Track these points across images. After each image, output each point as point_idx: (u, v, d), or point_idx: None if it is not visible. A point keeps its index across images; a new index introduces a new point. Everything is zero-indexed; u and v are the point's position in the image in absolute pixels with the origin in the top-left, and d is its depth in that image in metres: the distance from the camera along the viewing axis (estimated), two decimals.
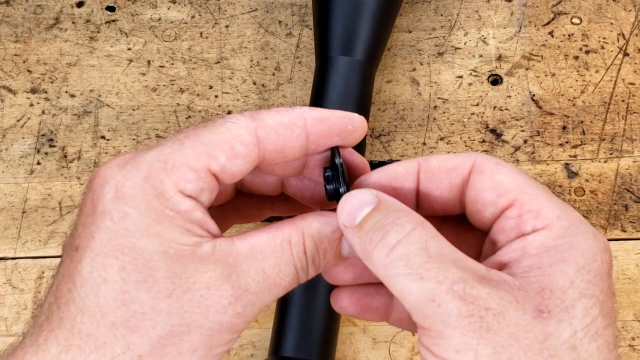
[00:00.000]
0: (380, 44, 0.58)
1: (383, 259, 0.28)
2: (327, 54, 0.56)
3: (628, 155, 0.63)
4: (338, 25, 0.56)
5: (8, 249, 0.60)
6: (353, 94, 0.55)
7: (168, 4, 0.69)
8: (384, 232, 0.29)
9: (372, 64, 0.57)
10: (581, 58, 0.66)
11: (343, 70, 0.54)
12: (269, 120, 0.31)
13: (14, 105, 0.65)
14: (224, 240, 0.30)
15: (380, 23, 0.57)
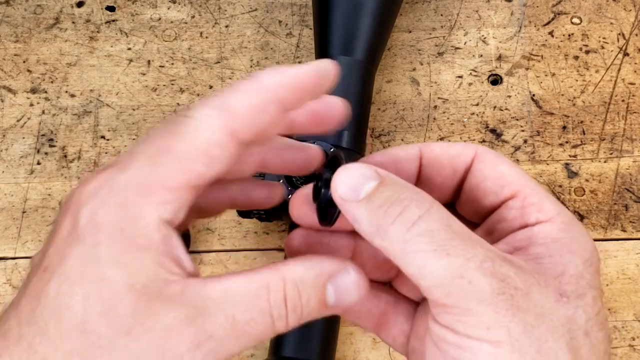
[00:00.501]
0: (380, 44, 0.58)
1: (403, 233, 0.27)
2: (327, 54, 0.56)
3: (628, 155, 0.63)
4: (338, 25, 0.56)
5: (8, 249, 0.60)
6: (353, 94, 0.54)
7: (168, 4, 0.69)
8: (402, 207, 0.28)
9: (372, 63, 0.57)
10: (581, 58, 0.66)
11: (343, 71, 0.53)
12: (240, 107, 0.28)
13: (14, 105, 0.65)
14: (196, 280, 0.28)
15: (380, 23, 0.57)
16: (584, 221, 0.61)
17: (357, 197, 0.28)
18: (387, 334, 0.35)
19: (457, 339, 0.27)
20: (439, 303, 0.27)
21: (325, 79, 0.30)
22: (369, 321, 0.35)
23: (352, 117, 0.53)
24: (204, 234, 0.61)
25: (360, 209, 0.28)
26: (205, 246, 0.60)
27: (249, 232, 0.61)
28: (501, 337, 0.26)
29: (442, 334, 0.27)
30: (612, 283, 0.59)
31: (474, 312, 0.26)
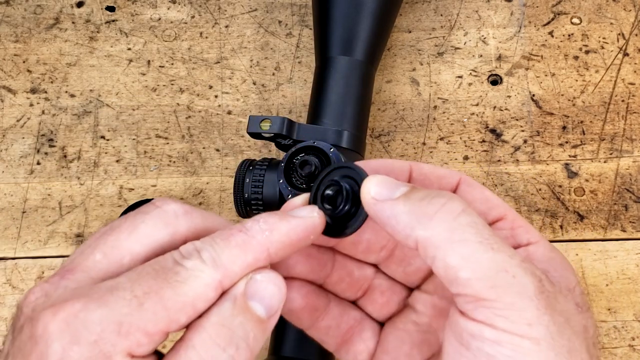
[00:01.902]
0: (380, 44, 0.58)
1: (450, 221, 0.27)
2: (326, 54, 0.56)
3: (628, 155, 0.63)
4: (338, 25, 0.55)
5: (8, 249, 0.60)
6: (353, 95, 0.54)
7: (168, 4, 0.69)
8: (446, 198, 0.28)
9: (372, 64, 0.57)
10: (581, 58, 0.66)
11: (343, 71, 0.54)
12: (233, 266, 0.29)
13: (14, 105, 0.65)
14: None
15: (380, 23, 0.57)
16: (584, 221, 0.61)
17: (392, 196, 0.29)
18: (350, 350, 0.35)
19: (496, 335, 0.27)
20: (479, 296, 0.27)
21: (314, 233, 0.31)
22: (334, 338, 0.35)
23: (351, 117, 0.53)
24: None
25: (398, 205, 0.29)
26: None
27: None
28: (541, 335, 0.26)
29: (477, 330, 0.27)
30: (612, 283, 0.59)
31: (518, 306, 0.26)
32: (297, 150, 0.45)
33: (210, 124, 0.64)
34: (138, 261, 0.29)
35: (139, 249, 0.29)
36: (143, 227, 0.30)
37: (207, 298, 0.28)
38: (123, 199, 0.62)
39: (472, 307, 0.27)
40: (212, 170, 0.63)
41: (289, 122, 0.47)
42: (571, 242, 0.60)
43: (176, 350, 0.28)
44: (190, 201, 0.62)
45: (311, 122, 0.52)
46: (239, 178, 0.48)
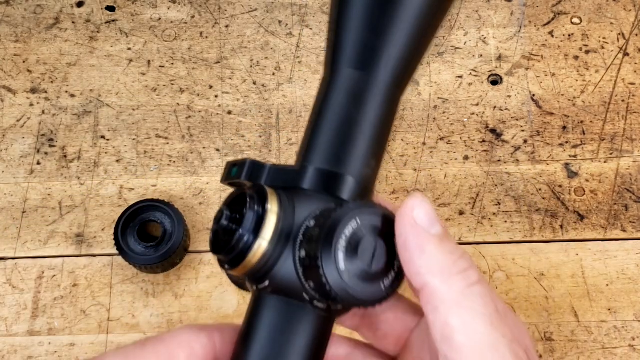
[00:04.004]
0: (413, 59, 0.37)
1: (465, 287, 0.29)
2: (333, 66, 0.36)
3: (628, 155, 0.63)
4: (354, 25, 0.35)
5: (8, 249, 0.60)
6: (365, 124, 0.34)
7: (168, 4, 0.69)
8: (468, 264, 0.29)
9: (397, 85, 0.35)
10: (581, 58, 0.66)
11: (352, 90, 0.34)
12: (225, 328, 0.31)
13: (14, 105, 0.65)
14: None
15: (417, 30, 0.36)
16: (584, 221, 0.61)
17: (430, 230, 0.29)
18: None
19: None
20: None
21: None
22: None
23: (359, 156, 0.33)
24: (204, 234, 0.61)
25: (430, 243, 0.29)
26: (205, 246, 0.60)
27: None
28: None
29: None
30: (612, 283, 0.59)
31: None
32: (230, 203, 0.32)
33: (210, 124, 0.64)
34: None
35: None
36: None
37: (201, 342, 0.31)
38: (123, 199, 0.62)
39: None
40: (212, 170, 0.63)
41: (257, 166, 0.33)
42: (571, 242, 0.60)
43: None
44: (190, 201, 0.62)
45: (301, 159, 0.33)
46: None
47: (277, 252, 0.29)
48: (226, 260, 0.30)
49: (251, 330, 0.30)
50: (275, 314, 0.30)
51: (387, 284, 0.29)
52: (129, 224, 0.59)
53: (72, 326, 0.58)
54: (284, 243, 0.29)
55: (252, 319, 0.31)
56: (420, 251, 0.29)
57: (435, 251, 0.29)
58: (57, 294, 0.59)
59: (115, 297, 0.59)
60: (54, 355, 0.57)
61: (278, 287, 0.30)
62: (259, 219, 0.29)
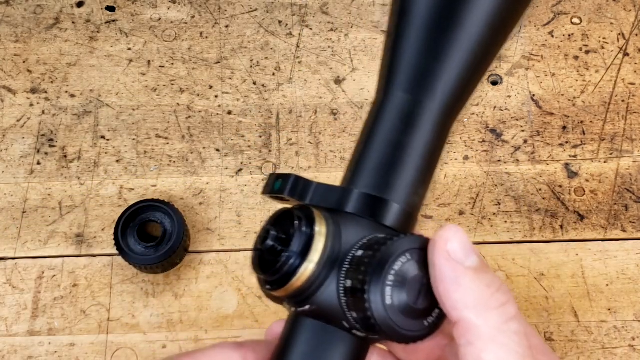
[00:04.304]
0: (469, 86, 0.36)
1: (501, 323, 0.28)
2: (385, 89, 0.35)
3: (628, 155, 0.63)
4: (412, 50, 0.34)
5: (8, 249, 0.60)
6: (412, 151, 0.33)
7: (168, 4, 0.69)
8: (506, 298, 0.29)
9: (449, 113, 0.35)
10: (581, 58, 0.66)
11: (402, 115, 0.33)
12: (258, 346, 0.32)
13: (14, 105, 0.65)
14: None
15: (475, 55, 0.35)
16: (584, 221, 0.61)
17: (465, 262, 0.28)
18: None
19: None
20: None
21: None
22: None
23: (405, 183, 0.32)
24: (204, 234, 0.61)
25: (466, 276, 0.28)
26: (205, 246, 0.60)
27: (249, 232, 0.61)
28: None
29: None
30: (612, 283, 0.59)
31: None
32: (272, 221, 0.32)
33: (210, 124, 0.64)
34: None
35: None
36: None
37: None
38: (123, 199, 0.62)
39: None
40: (212, 170, 0.63)
41: (302, 183, 0.32)
42: (571, 242, 0.60)
43: None
44: (190, 201, 0.62)
45: (345, 182, 0.33)
46: None
47: (323, 277, 0.29)
48: (270, 281, 0.30)
49: (286, 351, 0.30)
50: (311, 337, 0.30)
51: (430, 321, 0.29)
52: (129, 224, 0.59)
53: (72, 326, 0.58)
54: (330, 268, 0.29)
55: (288, 339, 0.31)
56: (456, 284, 0.28)
57: (472, 284, 0.28)
58: (57, 294, 0.59)
59: (115, 297, 0.59)
60: (54, 355, 0.57)
61: (318, 312, 0.30)
62: (307, 241, 0.29)
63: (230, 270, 0.60)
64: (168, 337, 0.57)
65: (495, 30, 0.34)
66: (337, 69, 0.66)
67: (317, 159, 0.63)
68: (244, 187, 0.62)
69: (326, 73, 0.66)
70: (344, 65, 0.67)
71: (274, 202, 0.34)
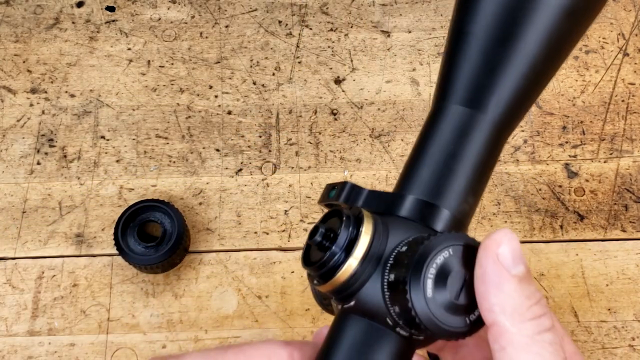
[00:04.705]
0: (526, 101, 0.37)
1: (536, 334, 0.28)
2: (441, 101, 0.36)
3: (628, 155, 0.63)
4: (468, 61, 0.35)
5: (8, 249, 0.60)
6: (466, 162, 0.35)
7: (168, 4, 0.69)
8: (543, 311, 0.29)
9: (505, 126, 0.36)
10: (581, 58, 0.66)
11: (458, 127, 0.35)
12: (305, 346, 0.32)
13: (14, 105, 0.65)
14: None
15: (534, 71, 0.36)
16: (584, 221, 0.61)
17: (511, 270, 0.29)
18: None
19: None
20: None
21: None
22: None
23: (457, 191, 0.34)
24: (204, 234, 0.61)
25: (510, 284, 0.29)
26: (205, 246, 0.60)
27: (249, 232, 0.61)
28: None
29: None
30: (612, 283, 0.59)
31: None
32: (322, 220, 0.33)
33: (210, 124, 0.64)
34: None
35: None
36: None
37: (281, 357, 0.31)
38: (123, 199, 0.62)
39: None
40: (212, 170, 0.63)
41: (355, 190, 0.34)
42: (571, 242, 0.60)
43: None
44: (190, 201, 0.62)
45: (398, 189, 0.35)
46: None
47: (367, 273, 0.30)
48: (316, 274, 0.31)
49: (332, 346, 0.31)
50: (357, 334, 0.31)
51: (472, 319, 0.29)
52: (129, 224, 0.59)
53: (72, 326, 0.58)
54: (375, 265, 0.30)
55: (334, 336, 0.31)
56: (497, 289, 0.29)
57: (513, 292, 0.29)
58: (57, 294, 0.59)
59: (115, 297, 0.59)
60: (54, 355, 0.57)
61: (363, 309, 0.30)
62: (352, 238, 0.30)
63: (230, 270, 0.60)
64: (168, 337, 0.57)
65: (551, 50, 0.35)
66: (337, 69, 0.66)
67: (317, 159, 0.63)
68: (244, 187, 0.62)
69: (326, 73, 0.66)
70: (344, 65, 0.67)
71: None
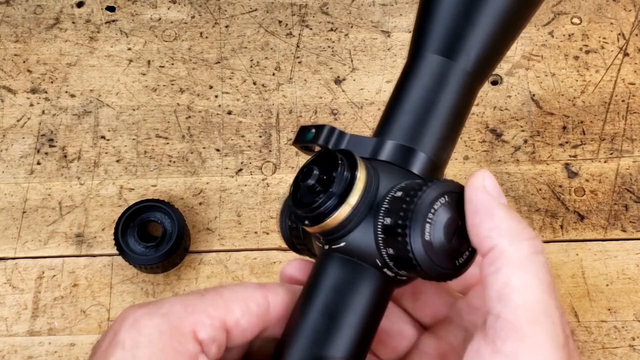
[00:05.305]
0: (496, 54, 0.40)
1: (530, 254, 0.30)
2: (419, 50, 0.38)
3: (628, 155, 0.63)
4: (444, 14, 0.38)
5: (8, 249, 0.60)
6: (442, 108, 0.36)
7: (168, 4, 0.69)
8: (533, 235, 0.30)
9: (478, 77, 0.38)
10: (581, 58, 0.66)
11: (435, 75, 0.37)
12: (279, 288, 0.33)
13: (14, 105, 0.65)
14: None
15: (502, 26, 0.39)
16: (584, 221, 0.61)
17: (499, 199, 0.31)
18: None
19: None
20: (517, 325, 0.29)
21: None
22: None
23: (433, 136, 0.36)
24: (204, 234, 0.61)
25: (501, 209, 0.30)
26: (205, 246, 0.60)
27: (249, 232, 0.61)
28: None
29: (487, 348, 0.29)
30: (612, 283, 0.59)
31: (545, 349, 0.29)
32: (312, 161, 0.34)
33: (210, 124, 0.64)
34: None
35: None
36: None
37: (256, 300, 0.32)
38: (123, 199, 0.62)
39: (504, 334, 0.29)
40: (212, 170, 0.63)
41: (337, 133, 0.35)
42: (571, 242, 0.60)
43: None
44: (190, 201, 0.62)
45: (377, 134, 0.36)
46: (284, 202, 0.38)
47: (360, 217, 0.31)
48: (306, 217, 0.32)
49: (316, 284, 0.33)
50: (345, 274, 0.32)
51: (460, 261, 0.31)
52: (129, 224, 0.59)
53: (72, 326, 0.58)
54: (368, 208, 0.32)
55: (319, 273, 0.33)
56: (491, 215, 0.30)
57: (505, 216, 0.30)
58: (57, 294, 0.59)
59: (115, 297, 0.59)
60: (54, 355, 0.57)
61: (353, 250, 0.32)
62: (348, 184, 0.31)
63: (230, 270, 0.60)
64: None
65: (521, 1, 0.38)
66: (337, 69, 0.66)
67: None
68: (244, 187, 0.62)
69: (326, 73, 0.66)
70: (344, 65, 0.67)
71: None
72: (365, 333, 0.32)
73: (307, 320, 0.32)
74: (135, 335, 0.30)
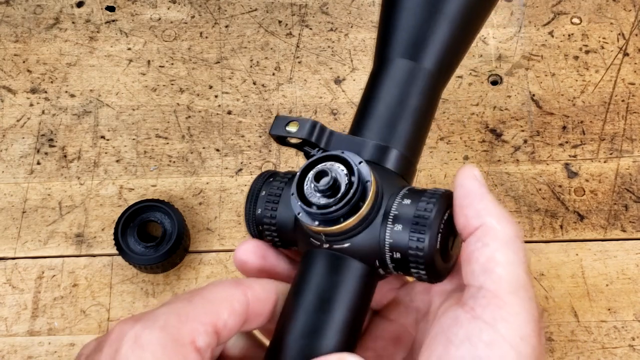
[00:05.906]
0: (457, 53, 0.44)
1: (514, 233, 0.32)
2: (385, 55, 0.42)
3: (628, 155, 0.63)
4: (405, 21, 0.41)
5: (8, 249, 0.60)
6: (409, 108, 0.40)
7: (168, 4, 0.69)
8: (514, 220, 0.33)
9: (441, 76, 0.42)
10: (581, 58, 0.66)
11: (401, 77, 0.40)
12: (254, 284, 0.35)
13: (14, 105, 0.65)
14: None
15: (460, 27, 0.43)
16: (584, 221, 0.61)
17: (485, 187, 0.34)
18: None
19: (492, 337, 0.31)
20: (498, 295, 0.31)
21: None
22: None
23: (403, 133, 0.39)
24: (204, 234, 0.61)
25: (491, 195, 0.34)
26: (205, 246, 0.60)
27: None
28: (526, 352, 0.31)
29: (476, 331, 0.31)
30: (612, 283, 0.59)
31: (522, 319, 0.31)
32: (318, 160, 0.36)
33: (210, 124, 0.64)
34: None
35: None
36: None
37: (239, 299, 0.33)
38: (123, 199, 0.62)
39: (485, 302, 0.31)
40: (212, 170, 0.63)
41: (320, 128, 0.38)
42: (571, 242, 0.60)
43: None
44: (190, 201, 0.62)
45: (352, 132, 0.40)
46: (253, 190, 0.39)
47: (369, 221, 0.34)
48: (320, 219, 0.33)
49: (309, 280, 0.34)
50: (336, 269, 0.34)
51: (449, 266, 0.34)
52: (129, 224, 0.59)
53: (72, 326, 0.58)
54: (375, 213, 0.34)
55: (311, 270, 0.35)
56: (481, 197, 0.33)
57: (493, 200, 0.33)
58: (57, 294, 0.59)
59: (115, 297, 0.59)
60: (54, 355, 0.57)
61: (356, 251, 0.34)
62: (363, 191, 0.33)
63: (230, 270, 0.60)
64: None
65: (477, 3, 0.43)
66: (337, 69, 0.66)
67: None
68: (244, 187, 0.62)
69: (326, 73, 0.66)
70: (344, 65, 0.67)
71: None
72: (359, 324, 0.35)
73: (301, 315, 0.34)
74: (139, 352, 0.30)
